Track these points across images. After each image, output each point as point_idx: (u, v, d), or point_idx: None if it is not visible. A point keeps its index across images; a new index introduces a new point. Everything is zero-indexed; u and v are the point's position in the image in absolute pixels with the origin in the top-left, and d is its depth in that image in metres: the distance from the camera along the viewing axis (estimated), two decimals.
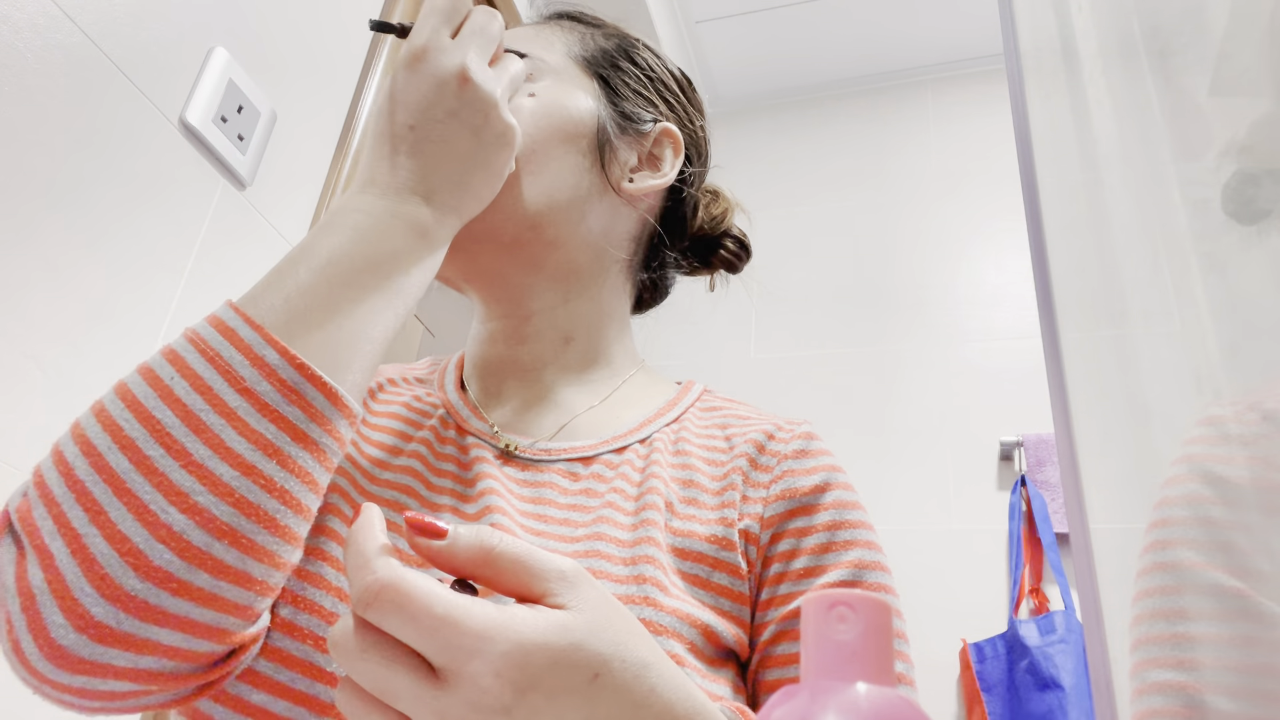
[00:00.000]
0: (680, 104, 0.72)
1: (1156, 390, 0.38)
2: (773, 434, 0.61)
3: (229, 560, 0.42)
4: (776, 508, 0.57)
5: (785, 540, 0.56)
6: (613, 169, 0.65)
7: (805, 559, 0.55)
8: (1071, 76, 0.44)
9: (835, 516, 0.56)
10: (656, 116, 0.68)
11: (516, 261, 0.63)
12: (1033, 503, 2.00)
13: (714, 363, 2.43)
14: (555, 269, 0.64)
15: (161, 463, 0.41)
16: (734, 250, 0.77)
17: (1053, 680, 1.71)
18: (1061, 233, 0.39)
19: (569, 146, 0.63)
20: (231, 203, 1.19)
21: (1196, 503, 0.38)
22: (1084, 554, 0.33)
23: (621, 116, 0.66)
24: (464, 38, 0.55)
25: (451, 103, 0.53)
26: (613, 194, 0.65)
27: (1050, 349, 0.36)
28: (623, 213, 0.66)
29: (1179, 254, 0.38)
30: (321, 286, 0.47)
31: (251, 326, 0.45)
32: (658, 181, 0.67)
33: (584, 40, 0.69)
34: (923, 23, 2.59)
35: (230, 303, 0.46)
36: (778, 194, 2.68)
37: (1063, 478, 0.35)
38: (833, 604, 0.28)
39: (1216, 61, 0.37)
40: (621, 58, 0.69)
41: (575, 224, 0.63)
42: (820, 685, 0.27)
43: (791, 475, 0.58)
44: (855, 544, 0.55)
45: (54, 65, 0.94)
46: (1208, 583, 0.36)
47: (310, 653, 0.48)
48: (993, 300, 2.32)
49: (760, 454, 0.59)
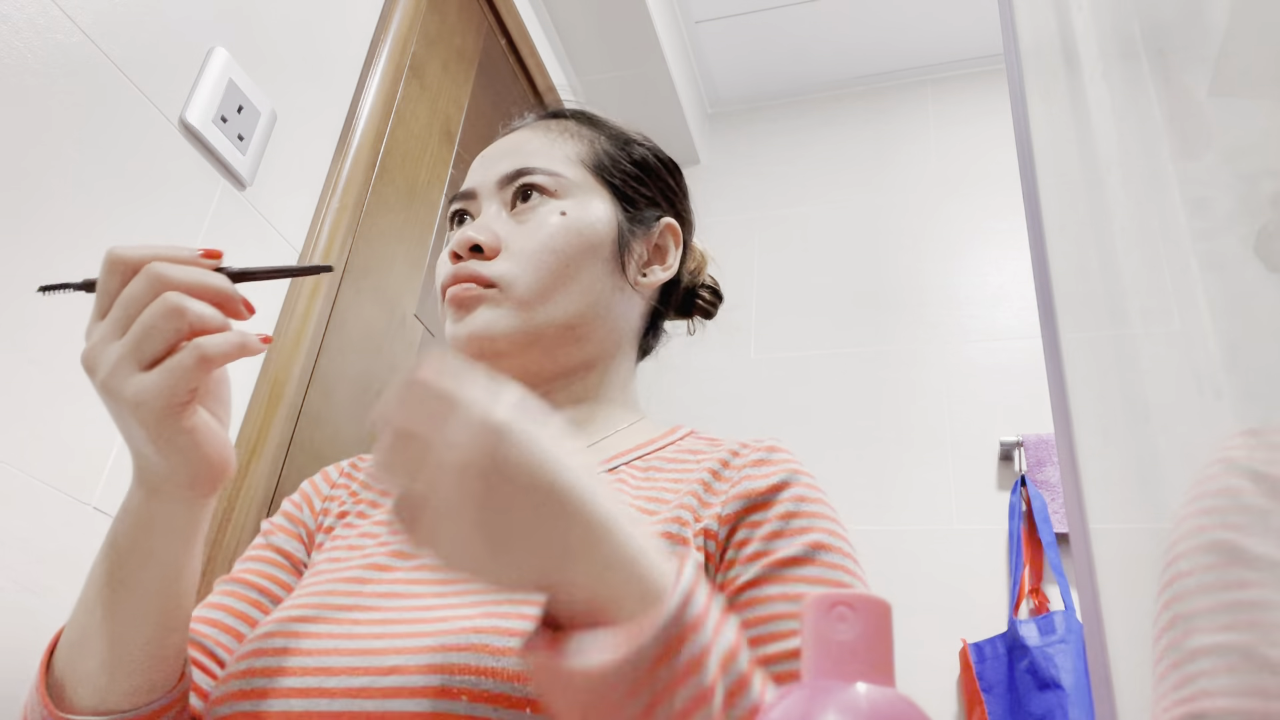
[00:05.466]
0: (674, 193, 0.80)
1: (1156, 390, 0.38)
2: (737, 451, 0.65)
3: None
4: (733, 505, 0.59)
5: (740, 531, 0.58)
6: (630, 268, 0.74)
7: (756, 544, 0.57)
8: (1071, 76, 0.44)
9: (791, 508, 0.58)
10: (659, 214, 0.77)
11: (550, 358, 0.70)
12: (1033, 503, 2.00)
13: (714, 363, 2.43)
14: (582, 359, 0.71)
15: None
16: (709, 300, 0.85)
17: (1053, 680, 1.71)
18: (1061, 233, 0.39)
19: (595, 255, 0.71)
20: (231, 203, 1.19)
21: (1237, 493, 0.38)
22: (1084, 554, 0.33)
23: (633, 221, 0.75)
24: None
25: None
26: (629, 288, 0.74)
27: (1050, 349, 0.36)
28: (635, 300, 0.76)
29: (1179, 254, 0.38)
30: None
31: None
32: (666, 274, 0.77)
33: (592, 146, 0.76)
34: (923, 23, 2.59)
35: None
36: (777, 194, 2.68)
37: (1063, 478, 0.35)
38: (833, 604, 0.28)
39: (1216, 61, 0.37)
40: (625, 160, 0.77)
41: (603, 319, 0.71)
42: (820, 685, 0.27)
43: (750, 480, 0.61)
44: (812, 530, 0.57)
45: (54, 65, 0.94)
46: (1256, 556, 0.37)
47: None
48: (993, 300, 2.32)
49: (724, 468, 0.63)
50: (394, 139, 1.58)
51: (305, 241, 1.35)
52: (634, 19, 2.30)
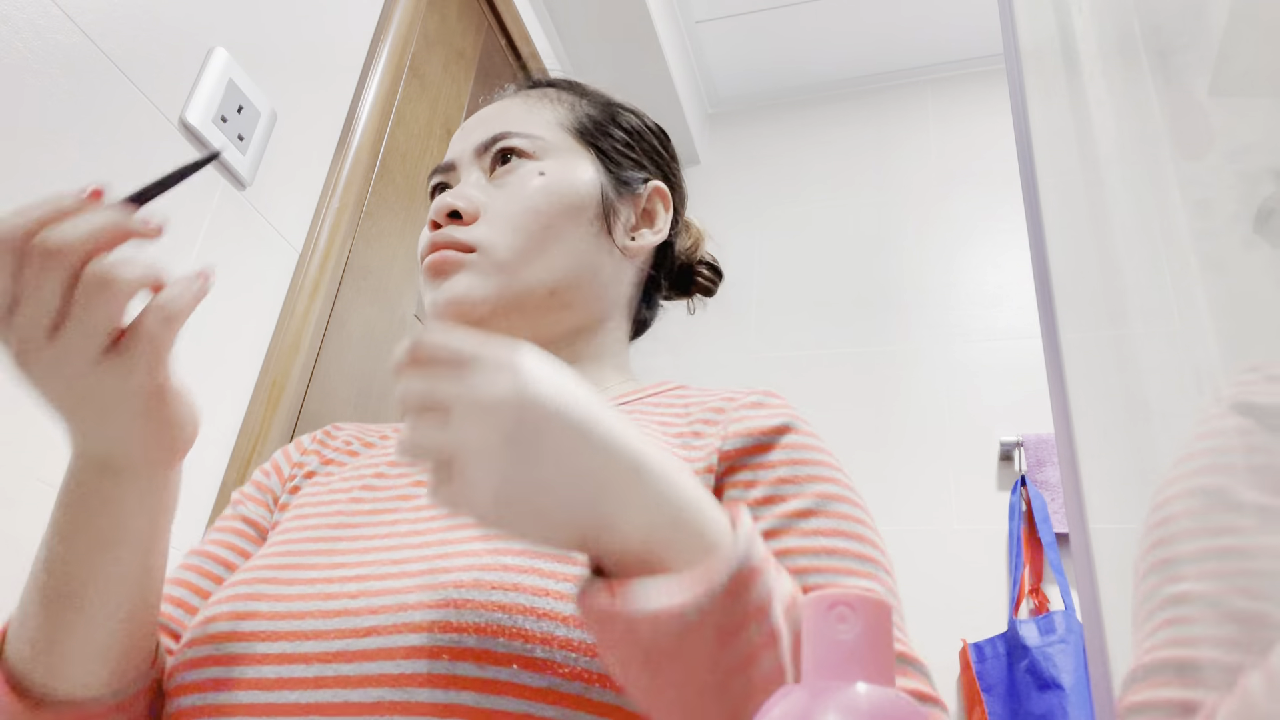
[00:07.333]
0: (663, 159, 0.78)
1: (1156, 390, 0.38)
2: (731, 398, 0.62)
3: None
4: (734, 443, 0.57)
5: (743, 472, 0.56)
6: (616, 231, 0.71)
7: (763, 489, 0.55)
8: (1071, 76, 0.44)
9: (796, 455, 0.56)
10: (647, 176, 0.75)
11: (535, 324, 0.67)
12: (1033, 503, 2.00)
13: (714, 363, 2.43)
14: (568, 326, 0.69)
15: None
16: (709, 276, 0.83)
17: (1053, 680, 1.71)
18: (1061, 233, 0.39)
19: (578, 217, 0.68)
20: (231, 203, 1.19)
21: (1231, 433, 0.38)
22: (1084, 554, 0.33)
23: (618, 182, 0.72)
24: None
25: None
26: (617, 253, 0.71)
27: (1050, 349, 0.36)
28: (625, 267, 0.73)
29: (1179, 254, 0.38)
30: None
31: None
32: (656, 238, 0.74)
33: (573, 110, 0.74)
34: (923, 23, 2.59)
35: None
36: (777, 194, 2.68)
37: (1063, 478, 0.35)
38: (833, 604, 0.28)
39: (1216, 61, 0.37)
40: (609, 124, 0.75)
41: (589, 285, 0.69)
42: (820, 685, 0.27)
43: (750, 419, 0.59)
44: (819, 479, 0.56)
45: (54, 65, 0.94)
46: (1242, 501, 0.37)
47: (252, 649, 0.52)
48: (993, 300, 2.32)
49: (718, 414, 0.61)
50: (394, 139, 1.58)
51: (305, 241, 1.35)
52: (634, 19, 2.30)
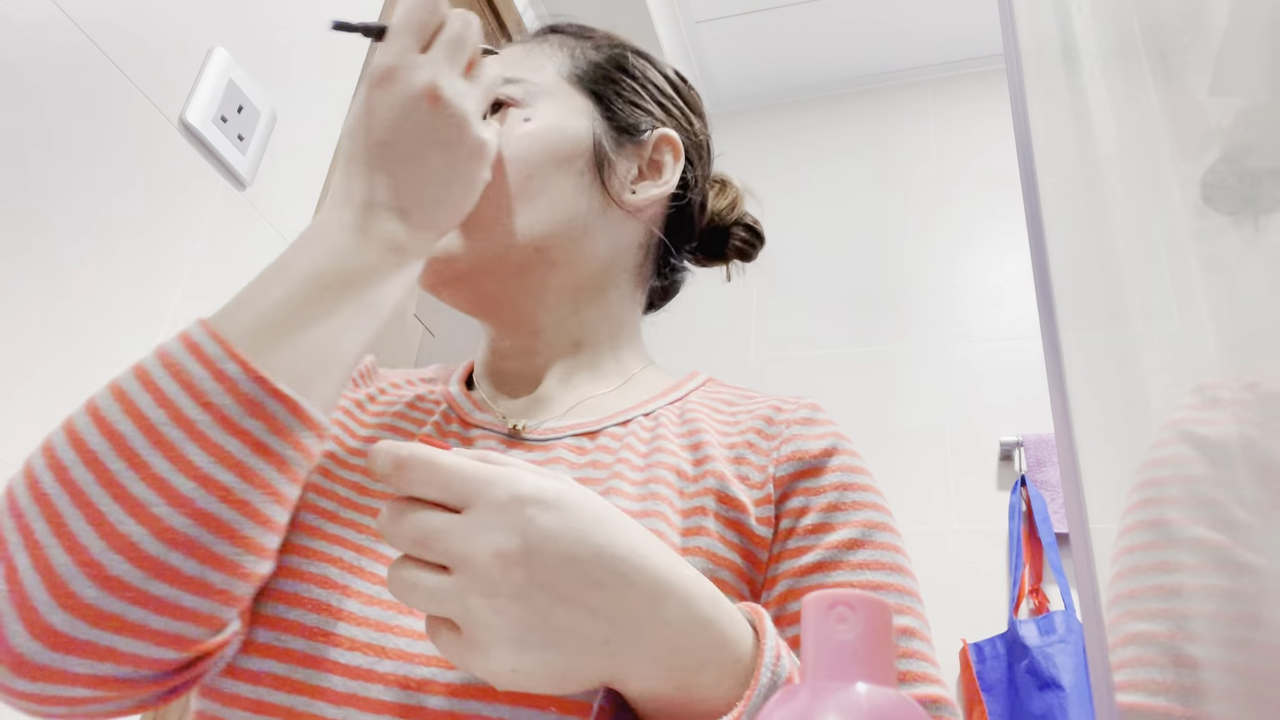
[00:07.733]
0: (677, 107, 0.71)
1: (1156, 390, 0.38)
2: (780, 407, 0.62)
3: (187, 570, 0.43)
4: (787, 468, 0.58)
5: (796, 498, 0.57)
6: (613, 183, 0.65)
7: (815, 515, 0.55)
8: (1071, 76, 0.44)
9: (844, 479, 0.57)
10: (653, 124, 0.68)
11: (523, 285, 0.63)
12: (1033, 503, 2.00)
13: (714, 363, 2.43)
14: (562, 287, 0.64)
15: (122, 475, 0.42)
16: (746, 238, 0.77)
17: (1053, 680, 1.71)
18: (1061, 233, 0.39)
19: (567, 167, 0.63)
20: (231, 203, 1.19)
21: (1177, 463, 0.38)
22: (1084, 554, 0.33)
23: (617, 130, 0.66)
24: (435, 52, 0.54)
25: (423, 121, 0.53)
26: (616, 208, 0.65)
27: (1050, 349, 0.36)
28: (627, 224, 0.67)
29: (1179, 254, 0.38)
30: (293, 302, 0.48)
31: (216, 341, 0.45)
32: (660, 190, 0.67)
33: (574, 56, 0.68)
34: (923, 23, 2.59)
35: (201, 319, 0.47)
36: (778, 194, 2.68)
37: (1063, 478, 0.35)
38: (833, 604, 0.28)
39: (1216, 61, 0.37)
40: (613, 69, 0.69)
41: (579, 242, 0.64)
42: (820, 685, 0.27)
43: (800, 439, 0.59)
44: (864, 505, 0.56)
45: (54, 65, 0.94)
46: (1189, 537, 0.37)
47: (303, 644, 0.49)
48: (993, 300, 2.32)
49: (768, 425, 0.61)
50: None
51: None
52: (634, 19, 2.30)
